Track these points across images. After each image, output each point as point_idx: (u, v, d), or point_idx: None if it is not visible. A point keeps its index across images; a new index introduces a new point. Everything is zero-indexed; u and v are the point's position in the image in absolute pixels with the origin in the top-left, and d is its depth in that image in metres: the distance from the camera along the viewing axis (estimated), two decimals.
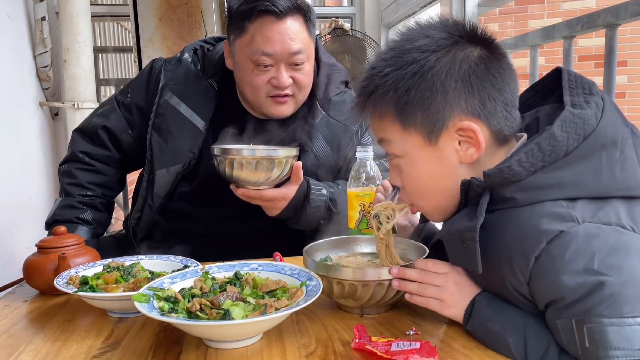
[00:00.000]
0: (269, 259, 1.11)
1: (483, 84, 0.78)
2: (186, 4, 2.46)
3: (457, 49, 0.78)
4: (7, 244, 2.01)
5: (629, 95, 4.62)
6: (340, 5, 3.92)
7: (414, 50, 0.78)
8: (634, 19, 1.24)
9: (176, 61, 1.40)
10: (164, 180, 1.35)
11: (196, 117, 1.35)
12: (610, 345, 0.65)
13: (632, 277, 0.67)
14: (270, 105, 1.32)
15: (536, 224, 0.71)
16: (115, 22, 4.61)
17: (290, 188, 1.24)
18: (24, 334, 0.90)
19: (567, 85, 0.78)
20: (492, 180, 0.75)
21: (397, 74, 0.79)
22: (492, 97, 0.78)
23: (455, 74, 0.77)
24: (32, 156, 2.39)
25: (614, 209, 0.71)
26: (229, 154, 1.17)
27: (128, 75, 4.85)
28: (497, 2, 2.17)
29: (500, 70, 0.79)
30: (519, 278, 0.73)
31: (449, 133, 0.79)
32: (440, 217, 0.89)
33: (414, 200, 0.88)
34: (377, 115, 0.83)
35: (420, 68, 0.77)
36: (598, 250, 0.67)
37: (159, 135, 1.35)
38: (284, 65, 1.26)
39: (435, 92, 0.77)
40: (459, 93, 0.77)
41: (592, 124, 0.73)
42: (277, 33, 1.23)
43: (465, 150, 0.80)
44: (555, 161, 0.73)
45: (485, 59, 0.79)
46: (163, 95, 1.36)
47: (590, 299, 0.66)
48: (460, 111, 0.78)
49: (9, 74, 2.21)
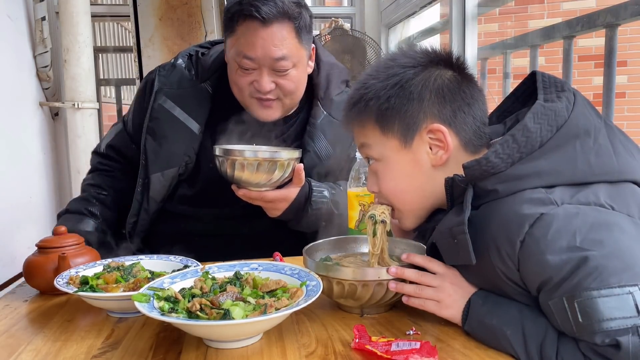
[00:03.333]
0: (269, 259, 1.11)
1: (454, 97, 0.87)
2: (186, 4, 2.46)
3: (433, 67, 0.89)
4: (7, 244, 2.01)
5: (629, 95, 4.62)
6: (340, 5, 3.92)
7: (395, 66, 0.89)
8: (634, 19, 1.24)
9: (170, 66, 1.40)
10: (159, 185, 1.35)
11: (191, 120, 1.35)
12: (602, 316, 0.66)
13: (615, 249, 0.69)
14: (256, 107, 1.31)
15: (518, 210, 0.75)
16: (115, 22, 4.62)
17: (291, 190, 1.24)
18: (24, 334, 0.90)
19: (541, 85, 0.85)
20: (472, 173, 0.79)
21: (380, 85, 0.89)
22: (462, 109, 0.87)
23: (430, 85, 0.87)
24: (32, 156, 2.39)
25: (593, 191, 0.75)
26: (230, 155, 1.16)
27: (128, 75, 4.85)
28: (497, 2, 2.18)
29: (471, 88, 0.89)
30: (508, 265, 0.76)
31: (422, 136, 0.88)
32: (412, 220, 0.95)
33: (391, 202, 0.94)
34: (360, 122, 0.93)
35: (400, 80, 0.88)
36: (579, 227, 0.71)
37: (153, 139, 1.35)
38: (267, 70, 1.25)
39: (412, 99, 0.87)
40: (432, 102, 0.87)
41: (564, 116, 0.78)
42: (260, 38, 1.21)
43: (435, 153, 0.88)
44: (531, 152, 0.78)
45: (458, 78, 0.89)
46: (157, 100, 1.35)
47: (576, 275, 0.69)
48: (433, 117, 0.87)
49: (9, 74, 2.21)
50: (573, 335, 0.70)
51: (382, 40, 2.93)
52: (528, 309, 0.77)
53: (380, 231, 0.95)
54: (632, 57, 4.54)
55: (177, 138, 1.34)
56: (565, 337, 0.72)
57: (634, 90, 4.60)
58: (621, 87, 4.47)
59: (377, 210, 0.96)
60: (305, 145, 1.36)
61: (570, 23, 1.48)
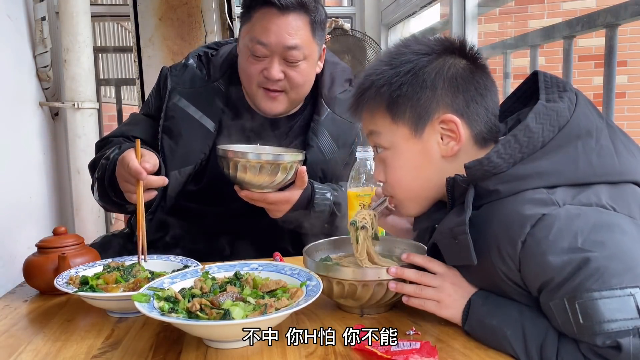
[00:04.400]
0: (269, 259, 1.11)
1: (467, 87, 0.85)
2: (186, 4, 2.46)
3: (447, 56, 0.87)
4: (7, 244, 2.01)
5: (629, 95, 4.62)
6: (340, 5, 3.91)
7: (409, 53, 0.87)
8: (634, 19, 1.24)
9: (182, 66, 1.42)
10: (176, 182, 1.35)
11: (206, 118, 1.36)
12: (603, 318, 0.66)
13: (617, 250, 0.69)
14: (262, 98, 1.32)
15: (519, 210, 0.74)
16: (115, 22, 4.62)
17: (294, 192, 1.24)
18: (24, 334, 0.90)
19: (543, 85, 0.84)
20: (474, 173, 0.79)
21: (393, 71, 0.86)
22: (475, 100, 0.86)
23: (444, 74, 0.85)
24: (32, 156, 2.39)
25: (594, 192, 0.75)
26: (233, 156, 1.17)
27: (128, 75, 4.85)
28: (497, 2, 2.18)
29: (484, 78, 0.87)
30: (509, 265, 0.75)
31: (433, 126, 0.85)
32: (416, 208, 0.93)
33: (394, 192, 0.93)
34: (370, 109, 0.90)
35: (414, 67, 0.85)
36: (580, 229, 0.70)
37: (169, 138, 1.35)
38: (278, 58, 1.27)
39: (425, 88, 0.85)
40: (446, 91, 0.85)
41: (566, 116, 0.78)
42: (275, 25, 1.24)
43: (447, 144, 0.86)
44: (533, 152, 0.78)
45: (471, 67, 0.87)
46: (172, 99, 1.36)
47: (578, 276, 0.68)
48: (446, 106, 0.85)
49: (9, 74, 2.21)
50: (574, 337, 0.70)
51: (382, 40, 2.93)
52: (528, 310, 0.77)
53: (362, 237, 0.95)
54: (632, 57, 4.54)
55: (193, 136, 1.35)
56: (565, 338, 0.72)
57: (634, 90, 4.60)
58: (621, 87, 4.47)
59: (359, 217, 0.96)
60: (309, 140, 1.38)
61: (570, 23, 1.48)
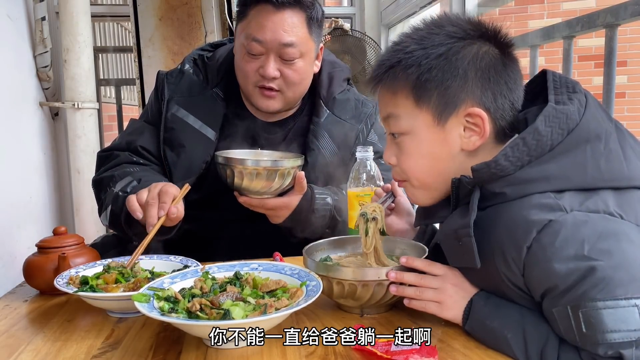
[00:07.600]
0: (269, 259, 1.11)
1: (498, 80, 0.82)
2: (186, 4, 2.46)
3: (482, 43, 0.83)
4: (7, 244, 2.01)
5: (629, 95, 4.62)
6: (340, 5, 3.91)
7: (442, 35, 0.82)
8: (634, 19, 1.24)
9: (178, 73, 1.40)
10: None
11: (206, 127, 1.34)
12: (606, 328, 0.66)
13: (623, 260, 0.68)
14: (258, 97, 1.31)
15: (526, 215, 0.73)
16: (115, 22, 4.61)
17: (293, 197, 1.23)
18: (24, 334, 0.90)
19: (552, 85, 0.82)
20: (481, 176, 0.78)
21: (423, 52, 0.82)
22: (503, 94, 0.82)
23: (477, 63, 0.81)
24: (32, 156, 2.39)
25: (601, 198, 0.73)
26: (231, 163, 1.17)
27: (128, 75, 4.85)
28: (497, 2, 2.17)
29: (515, 72, 0.84)
30: (513, 270, 0.75)
31: (458, 117, 0.82)
32: (426, 197, 0.90)
33: (407, 178, 0.89)
34: (391, 89, 0.86)
35: (447, 51, 0.81)
36: (587, 236, 0.69)
37: (171, 150, 1.33)
38: (274, 55, 1.26)
39: (455, 75, 0.81)
40: (476, 82, 0.81)
41: (575, 119, 0.76)
42: (271, 22, 1.23)
43: (469, 137, 0.83)
44: (541, 155, 0.76)
45: (504, 59, 0.83)
46: (170, 109, 1.34)
47: (583, 284, 0.68)
48: (474, 99, 0.81)
49: (9, 74, 2.21)
50: (576, 344, 0.70)
51: (382, 40, 2.93)
52: (530, 313, 0.77)
53: (372, 229, 0.95)
54: (632, 57, 4.54)
55: (195, 146, 1.33)
56: (567, 345, 0.71)
57: (634, 90, 4.61)
58: (621, 87, 4.48)
59: (369, 209, 0.96)
60: (310, 143, 1.36)
61: (570, 23, 1.48)
